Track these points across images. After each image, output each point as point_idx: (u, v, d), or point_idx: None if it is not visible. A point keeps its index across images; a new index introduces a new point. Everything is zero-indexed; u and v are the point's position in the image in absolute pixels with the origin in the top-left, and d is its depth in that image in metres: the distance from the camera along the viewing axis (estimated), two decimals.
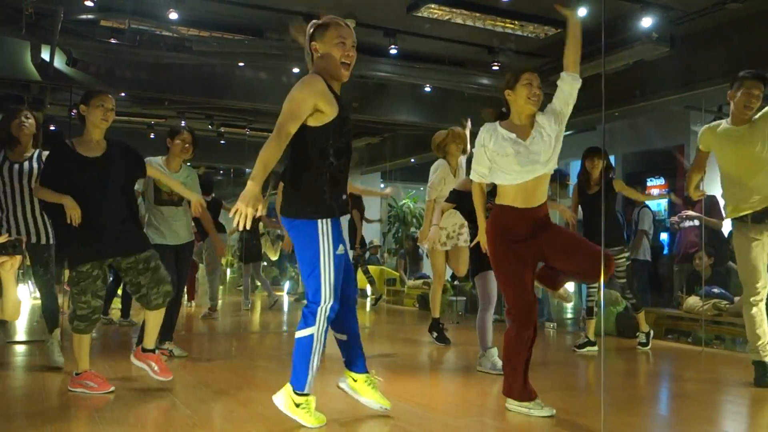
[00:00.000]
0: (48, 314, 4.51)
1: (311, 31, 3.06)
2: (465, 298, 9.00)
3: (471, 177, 3.57)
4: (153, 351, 3.90)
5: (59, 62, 6.83)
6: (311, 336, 3.00)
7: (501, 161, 3.34)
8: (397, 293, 11.03)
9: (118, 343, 6.17)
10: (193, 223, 5.23)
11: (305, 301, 3.06)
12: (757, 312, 4.14)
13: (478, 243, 3.82)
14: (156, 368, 3.85)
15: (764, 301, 4.19)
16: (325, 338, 3.05)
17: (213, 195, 7.20)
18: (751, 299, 4.15)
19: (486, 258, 4.77)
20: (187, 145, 4.85)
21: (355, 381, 3.33)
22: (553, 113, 3.42)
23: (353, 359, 3.33)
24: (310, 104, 2.89)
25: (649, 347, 5.77)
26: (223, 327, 7.71)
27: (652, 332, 5.88)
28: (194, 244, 5.31)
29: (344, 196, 3.11)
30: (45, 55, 6.64)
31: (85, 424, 3.22)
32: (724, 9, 5.79)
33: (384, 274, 11.16)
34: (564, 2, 3.37)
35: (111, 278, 5.23)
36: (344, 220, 5.44)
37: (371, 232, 12.15)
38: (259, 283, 9.42)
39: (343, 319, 3.20)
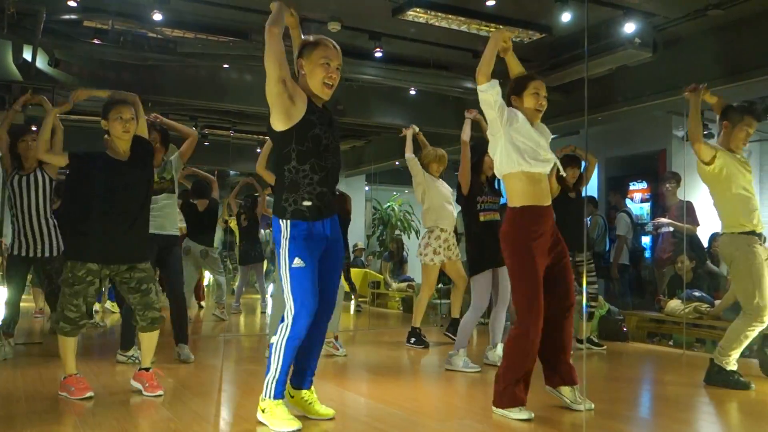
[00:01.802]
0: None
1: (300, 47, 3.17)
2: (449, 302, 9.01)
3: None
4: (147, 369, 3.88)
5: (41, 63, 6.78)
6: (272, 345, 3.06)
7: (529, 140, 3.38)
8: (381, 296, 11.03)
9: (101, 345, 6.12)
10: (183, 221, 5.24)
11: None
12: (751, 333, 4.19)
13: (479, 243, 3.79)
14: (147, 385, 3.81)
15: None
16: (286, 355, 3.03)
17: (209, 199, 7.22)
18: (755, 322, 4.15)
19: (485, 259, 4.84)
20: (157, 145, 4.81)
21: (292, 397, 3.30)
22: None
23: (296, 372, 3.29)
24: (290, 84, 2.99)
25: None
26: (206, 330, 7.68)
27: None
28: (180, 240, 5.28)
29: (309, 203, 3.04)
30: (27, 55, 6.58)
31: (66, 427, 3.19)
32: (706, 15, 5.86)
33: (368, 277, 11.16)
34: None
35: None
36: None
37: (356, 235, 12.14)
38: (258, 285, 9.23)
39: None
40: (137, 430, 3.16)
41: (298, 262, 3.00)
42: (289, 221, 3.03)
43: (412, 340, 6.01)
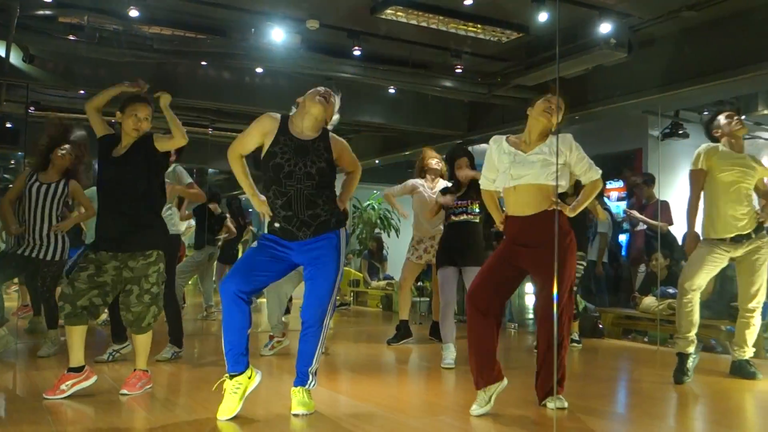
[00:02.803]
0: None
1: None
2: (428, 299, 9.05)
3: (480, 183, 3.77)
4: (145, 370, 3.88)
5: (15, 58, 6.69)
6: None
7: (501, 169, 3.56)
8: (360, 294, 11.04)
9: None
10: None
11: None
12: (689, 301, 4.32)
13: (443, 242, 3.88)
14: (124, 383, 3.80)
15: (697, 297, 4.36)
16: (225, 323, 3.26)
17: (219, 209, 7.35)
18: (686, 285, 4.33)
19: (445, 257, 4.93)
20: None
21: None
22: (569, 155, 3.53)
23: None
24: (255, 134, 3.38)
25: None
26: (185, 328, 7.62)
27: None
28: (178, 240, 5.35)
29: (278, 225, 3.34)
30: (0, 50, 6.50)
31: (40, 425, 3.16)
32: (680, 17, 5.94)
33: (348, 276, 11.16)
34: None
35: None
36: None
37: None
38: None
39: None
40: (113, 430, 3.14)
41: (254, 244, 3.42)
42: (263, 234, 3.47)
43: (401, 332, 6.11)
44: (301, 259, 3.35)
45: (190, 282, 9.73)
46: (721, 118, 4.55)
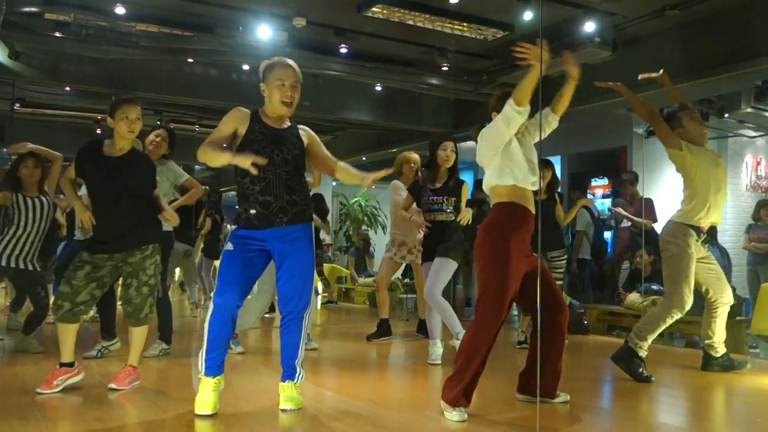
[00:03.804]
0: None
1: (261, 71, 3.45)
2: (415, 296, 9.09)
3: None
4: (134, 366, 3.93)
5: (1, 55, 6.66)
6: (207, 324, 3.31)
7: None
8: (347, 291, 11.07)
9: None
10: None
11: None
12: (669, 321, 4.36)
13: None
14: (131, 378, 3.87)
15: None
16: (210, 333, 3.27)
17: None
18: (676, 310, 4.33)
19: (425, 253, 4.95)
20: (158, 139, 4.88)
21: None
22: (532, 128, 3.53)
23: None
24: (228, 126, 3.39)
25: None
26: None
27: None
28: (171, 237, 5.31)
29: (254, 211, 3.32)
30: None
31: (30, 422, 3.17)
32: (664, 16, 6.01)
33: (335, 272, 11.19)
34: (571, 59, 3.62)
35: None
36: None
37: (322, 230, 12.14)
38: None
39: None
40: (102, 423, 3.16)
41: (228, 246, 3.37)
42: (235, 226, 3.42)
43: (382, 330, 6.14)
44: (276, 247, 3.34)
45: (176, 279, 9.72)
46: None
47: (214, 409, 3.24)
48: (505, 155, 3.44)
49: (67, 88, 7.86)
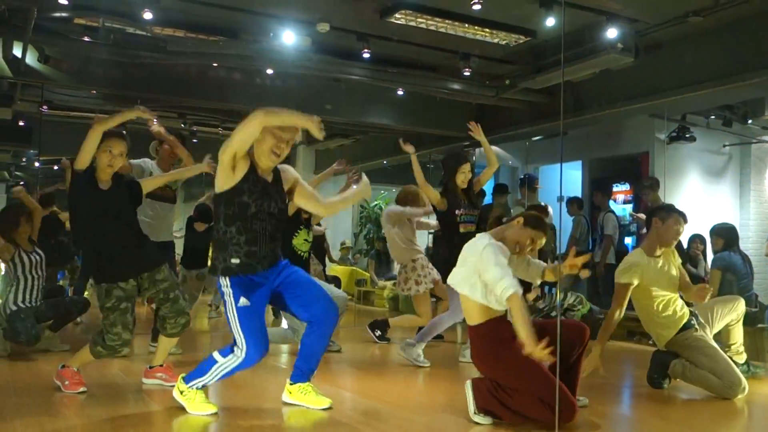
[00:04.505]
0: None
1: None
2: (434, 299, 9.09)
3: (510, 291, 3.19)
4: (161, 365, 4.09)
5: (31, 58, 6.80)
6: (216, 362, 3.35)
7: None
8: (367, 294, 11.11)
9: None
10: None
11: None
12: None
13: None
14: (165, 376, 4.03)
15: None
16: (225, 374, 3.35)
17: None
18: None
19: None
20: (167, 146, 5.03)
21: (290, 393, 3.58)
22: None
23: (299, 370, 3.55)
24: (251, 139, 3.24)
25: None
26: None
27: None
28: (173, 247, 5.41)
29: (237, 260, 3.31)
30: (17, 51, 6.61)
31: (57, 419, 3.26)
32: (686, 22, 5.99)
33: (355, 275, 11.24)
34: None
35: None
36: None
37: (343, 233, 12.23)
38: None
39: (307, 332, 3.50)
40: (125, 420, 3.24)
41: (243, 301, 3.29)
42: (222, 276, 3.34)
43: (377, 332, 6.24)
44: (273, 280, 3.43)
45: None
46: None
47: (214, 407, 3.41)
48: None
49: (94, 92, 7.99)
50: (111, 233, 3.79)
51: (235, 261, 3.30)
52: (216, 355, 3.36)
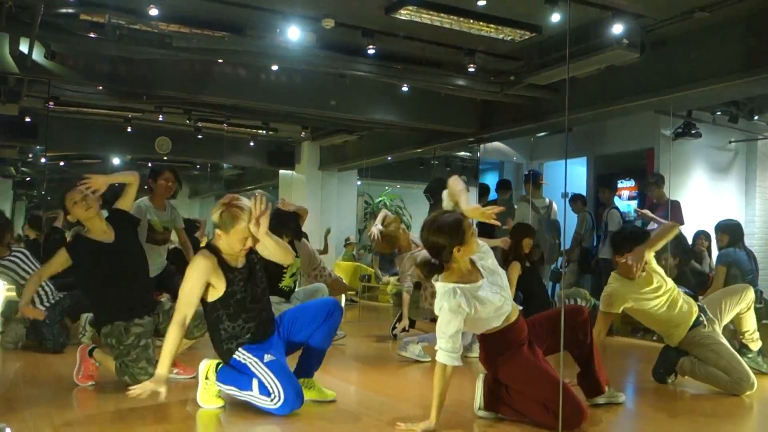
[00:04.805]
0: None
1: (218, 214, 3.34)
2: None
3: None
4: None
5: (38, 55, 6.83)
6: (251, 389, 3.31)
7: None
8: (371, 289, 11.14)
9: None
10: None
11: None
12: None
13: None
14: (178, 370, 4.09)
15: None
16: (254, 404, 3.32)
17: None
18: None
19: None
20: (170, 184, 5.05)
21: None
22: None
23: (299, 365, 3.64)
24: (201, 284, 3.30)
25: None
26: None
27: None
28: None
29: (249, 335, 3.42)
30: (24, 47, 6.64)
31: (66, 410, 3.29)
32: (692, 18, 5.97)
33: (359, 271, 11.27)
34: None
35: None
36: None
37: (348, 229, 12.25)
38: None
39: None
40: (133, 413, 3.26)
41: (268, 357, 3.34)
42: (238, 352, 3.39)
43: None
44: (282, 333, 3.58)
45: None
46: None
47: (221, 401, 3.46)
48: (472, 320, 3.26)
49: (100, 87, 8.01)
50: (122, 282, 3.86)
51: (248, 336, 3.40)
52: (255, 383, 3.31)
